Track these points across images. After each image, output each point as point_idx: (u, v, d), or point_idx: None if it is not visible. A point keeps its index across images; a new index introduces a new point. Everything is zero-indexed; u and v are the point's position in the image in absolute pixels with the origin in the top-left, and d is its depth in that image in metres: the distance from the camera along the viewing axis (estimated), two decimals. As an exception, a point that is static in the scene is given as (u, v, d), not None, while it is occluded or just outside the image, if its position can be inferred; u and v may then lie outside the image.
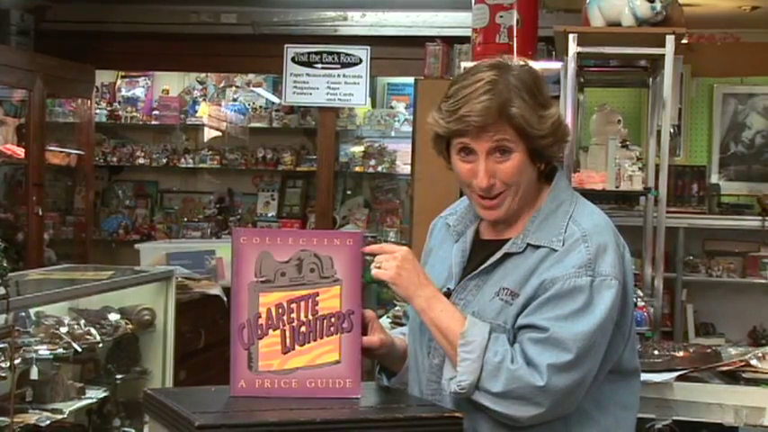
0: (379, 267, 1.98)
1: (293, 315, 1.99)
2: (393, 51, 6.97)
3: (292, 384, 1.99)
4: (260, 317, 1.99)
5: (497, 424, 1.92)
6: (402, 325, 2.43)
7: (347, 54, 6.97)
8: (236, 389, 2.00)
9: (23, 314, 3.76)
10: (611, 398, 1.99)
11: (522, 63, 2.01)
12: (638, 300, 4.00)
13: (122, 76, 7.90)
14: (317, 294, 1.99)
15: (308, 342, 2.00)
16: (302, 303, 2.00)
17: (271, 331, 1.99)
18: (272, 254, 1.99)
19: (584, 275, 1.89)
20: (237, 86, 7.78)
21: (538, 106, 1.95)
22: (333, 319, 2.00)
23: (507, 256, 1.98)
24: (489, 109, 1.92)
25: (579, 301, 1.88)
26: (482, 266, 2.00)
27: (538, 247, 1.95)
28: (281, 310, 1.99)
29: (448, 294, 2.03)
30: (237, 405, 1.95)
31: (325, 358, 1.99)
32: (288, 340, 1.99)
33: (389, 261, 1.97)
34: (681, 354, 3.18)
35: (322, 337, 2.00)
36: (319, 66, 7.00)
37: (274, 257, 1.99)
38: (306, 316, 2.00)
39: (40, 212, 6.35)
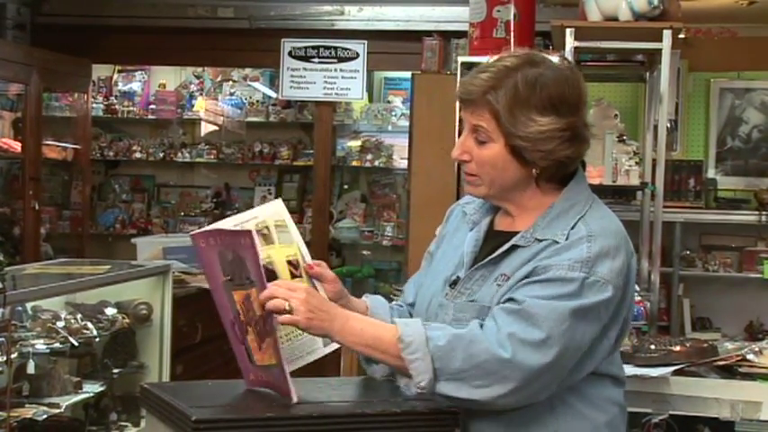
0: (289, 312, 1.86)
1: (251, 313, 1.94)
2: (390, 46, 6.97)
3: (272, 380, 1.96)
4: (239, 314, 1.96)
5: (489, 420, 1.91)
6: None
7: (344, 48, 6.97)
8: (248, 381, 1.99)
9: (20, 308, 3.75)
10: (601, 394, 1.97)
11: (558, 65, 1.99)
12: (635, 294, 4.00)
13: (119, 71, 7.88)
14: (251, 295, 1.92)
15: (264, 340, 1.94)
16: (250, 303, 1.93)
17: (248, 328, 1.96)
18: (226, 252, 1.93)
19: (577, 270, 1.88)
20: (234, 81, 7.77)
21: (530, 107, 1.92)
22: (262, 322, 1.92)
23: (514, 248, 1.98)
24: (474, 87, 1.95)
25: (564, 290, 1.86)
26: (489, 257, 2.00)
27: (543, 240, 1.95)
28: (245, 308, 1.95)
29: (456, 282, 2.02)
30: (234, 399, 1.95)
31: (272, 360, 1.93)
32: (257, 337, 1.95)
33: (300, 306, 1.86)
34: (677, 348, 3.18)
35: (265, 339, 1.93)
36: (316, 60, 6.99)
37: (227, 256, 1.93)
38: (255, 315, 1.93)
39: (37, 207, 6.34)
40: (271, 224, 2.00)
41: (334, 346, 2.01)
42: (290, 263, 2.00)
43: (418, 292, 2.17)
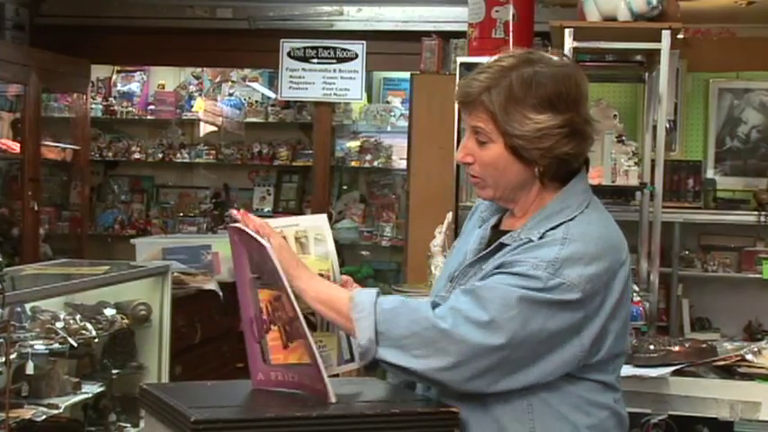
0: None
1: (279, 313, 1.96)
2: (389, 46, 6.97)
3: (296, 379, 1.98)
4: (262, 312, 1.98)
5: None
6: None
7: (343, 49, 6.97)
8: (255, 381, 1.99)
9: (19, 309, 3.75)
10: (585, 397, 1.94)
11: (557, 62, 1.98)
12: (634, 295, 4.00)
13: (118, 71, 7.89)
14: (281, 296, 1.95)
15: (293, 340, 1.96)
16: (278, 303, 1.96)
17: (272, 326, 1.98)
18: (253, 252, 1.97)
19: (541, 270, 1.86)
20: (233, 81, 7.78)
21: (525, 105, 1.92)
22: (291, 323, 1.95)
23: (502, 246, 1.97)
24: (470, 89, 1.96)
25: (522, 283, 1.85)
26: (479, 254, 2.02)
27: (524, 238, 1.95)
28: (271, 307, 1.97)
29: (452, 280, 2.04)
30: (233, 400, 1.96)
31: (304, 359, 1.95)
32: (284, 336, 1.97)
33: (275, 237, 1.95)
34: (676, 348, 3.18)
35: (294, 339, 1.96)
36: (315, 60, 6.99)
37: (254, 256, 1.97)
38: (285, 314, 1.96)
39: (36, 207, 6.34)
40: (311, 235, 2.05)
41: (349, 366, 2.05)
42: (321, 275, 2.03)
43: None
